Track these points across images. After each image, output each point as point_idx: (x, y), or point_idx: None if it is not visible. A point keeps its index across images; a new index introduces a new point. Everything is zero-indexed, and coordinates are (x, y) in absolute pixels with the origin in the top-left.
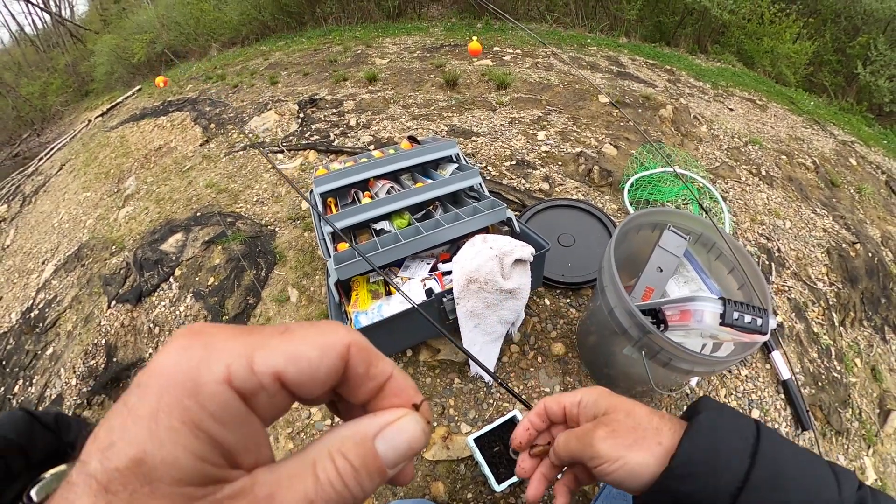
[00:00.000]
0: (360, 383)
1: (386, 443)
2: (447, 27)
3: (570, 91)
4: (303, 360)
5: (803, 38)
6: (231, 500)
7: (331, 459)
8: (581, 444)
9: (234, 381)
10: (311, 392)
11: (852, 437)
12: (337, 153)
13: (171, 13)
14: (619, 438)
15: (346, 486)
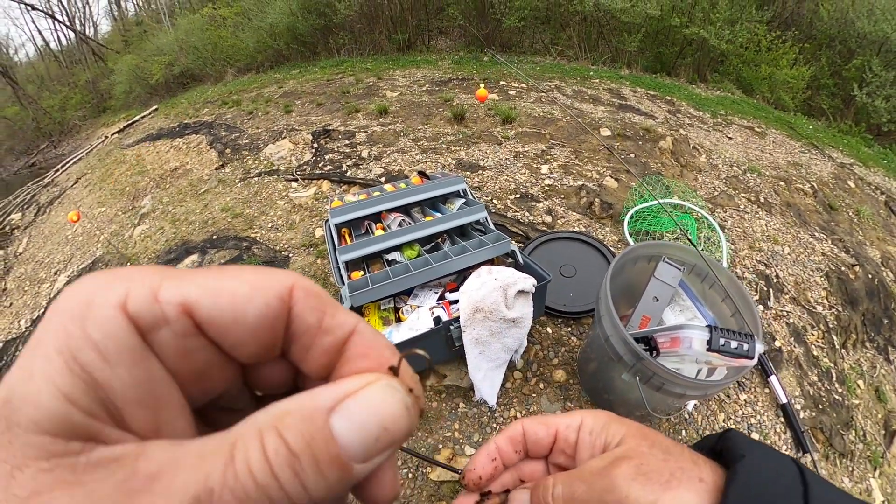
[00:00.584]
0: (311, 340)
1: (347, 419)
2: (455, 60)
3: (573, 125)
4: (224, 293)
5: (800, 64)
6: (95, 468)
7: (258, 438)
8: (595, 489)
9: (129, 307)
10: (238, 341)
11: (857, 459)
12: (350, 184)
13: (190, 38)
14: (651, 476)
15: (273, 476)
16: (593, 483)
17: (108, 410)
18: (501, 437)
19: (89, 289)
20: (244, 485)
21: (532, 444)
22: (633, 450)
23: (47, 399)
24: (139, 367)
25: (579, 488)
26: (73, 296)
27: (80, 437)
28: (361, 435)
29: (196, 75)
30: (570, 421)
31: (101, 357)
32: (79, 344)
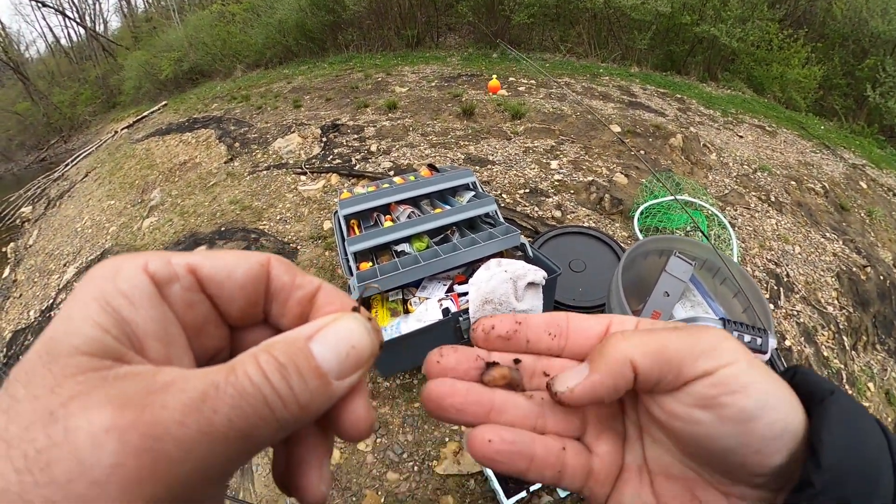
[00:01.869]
0: (287, 295)
1: (322, 344)
2: (464, 57)
3: (583, 121)
4: (219, 259)
5: (812, 63)
6: (122, 378)
7: (253, 357)
8: (684, 339)
9: (148, 267)
10: (231, 295)
11: None
12: (358, 177)
13: (199, 34)
14: (741, 346)
15: (266, 380)
16: (674, 328)
17: (132, 341)
18: (537, 316)
19: (117, 260)
20: (242, 383)
21: (577, 330)
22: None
23: (85, 328)
24: (156, 310)
25: (660, 328)
26: (104, 266)
27: (110, 357)
28: (335, 352)
29: (205, 71)
30: (626, 319)
31: (127, 301)
32: (111, 292)
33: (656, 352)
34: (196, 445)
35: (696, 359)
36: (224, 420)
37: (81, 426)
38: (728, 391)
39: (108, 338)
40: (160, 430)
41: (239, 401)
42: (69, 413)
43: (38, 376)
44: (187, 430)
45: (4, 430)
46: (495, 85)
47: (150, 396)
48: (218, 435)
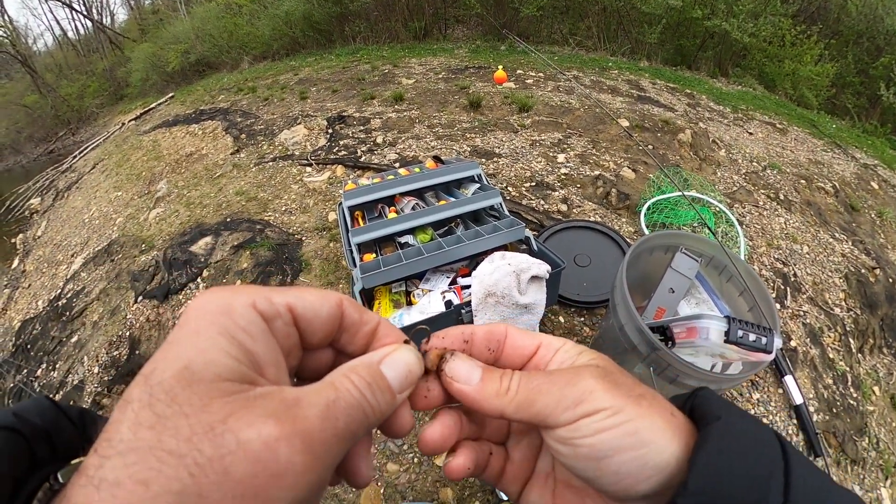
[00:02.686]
0: (357, 329)
1: (389, 367)
2: (472, 49)
3: (591, 115)
4: (307, 299)
5: (825, 60)
6: (262, 398)
7: (346, 377)
8: (557, 382)
9: (257, 306)
10: (315, 329)
11: (869, 466)
12: (364, 169)
13: (206, 26)
14: (620, 387)
15: (362, 394)
16: (556, 377)
17: (256, 367)
18: (481, 328)
19: (225, 295)
20: (349, 398)
21: (511, 349)
22: (605, 365)
23: (224, 360)
24: (269, 342)
25: (539, 379)
26: (214, 300)
27: (246, 382)
28: (397, 373)
29: (212, 63)
30: (553, 341)
31: (248, 335)
32: (233, 328)
33: (525, 406)
34: (331, 444)
35: (561, 411)
36: (343, 425)
37: (252, 437)
38: (581, 436)
39: (242, 367)
40: (311, 435)
41: (350, 410)
42: (233, 428)
43: (181, 398)
44: (325, 434)
45: (160, 442)
46: (501, 76)
47: (291, 411)
48: (340, 435)
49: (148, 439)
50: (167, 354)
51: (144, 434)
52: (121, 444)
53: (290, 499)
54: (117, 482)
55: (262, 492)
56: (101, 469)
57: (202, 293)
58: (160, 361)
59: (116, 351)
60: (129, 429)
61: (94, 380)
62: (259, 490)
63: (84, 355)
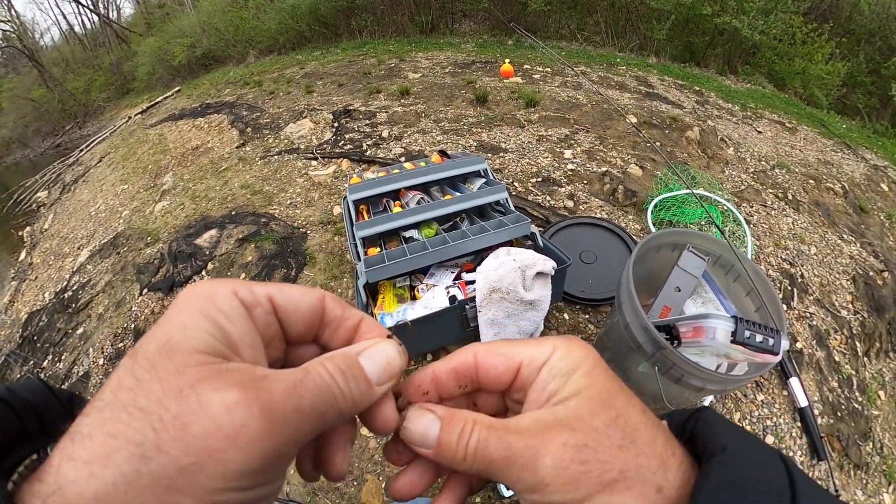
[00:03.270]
0: (338, 324)
1: (368, 359)
2: (478, 44)
3: (598, 111)
4: (288, 292)
5: (836, 59)
6: (232, 370)
7: (320, 363)
8: (515, 459)
9: (238, 293)
10: (295, 321)
11: (872, 472)
12: (369, 163)
13: (212, 20)
14: (590, 468)
15: (333, 379)
16: (515, 449)
17: (231, 347)
18: (443, 365)
19: (211, 284)
20: (318, 379)
21: (486, 378)
22: (581, 420)
23: (201, 335)
24: (247, 326)
25: (497, 450)
26: (200, 288)
27: (219, 356)
28: (377, 365)
29: (218, 57)
30: (537, 354)
31: (226, 318)
32: (213, 310)
33: (486, 473)
34: (292, 418)
35: (520, 491)
36: (308, 403)
37: (214, 400)
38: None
39: (217, 343)
40: (270, 405)
41: (317, 391)
42: (199, 391)
43: (159, 365)
44: (287, 407)
45: (134, 401)
46: (508, 70)
47: (257, 383)
48: (303, 412)
49: (124, 399)
50: (154, 333)
51: (123, 395)
52: (100, 402)
53: (243, 462)
54: (90, 434)
55: (216, 452)
56: (79, 424)
57: (193, 284)
58: (148, 338)
59: (121, 343)
60: (111, 391)
61: (99, 371)
62: (213, 450)
63: (89, 347)
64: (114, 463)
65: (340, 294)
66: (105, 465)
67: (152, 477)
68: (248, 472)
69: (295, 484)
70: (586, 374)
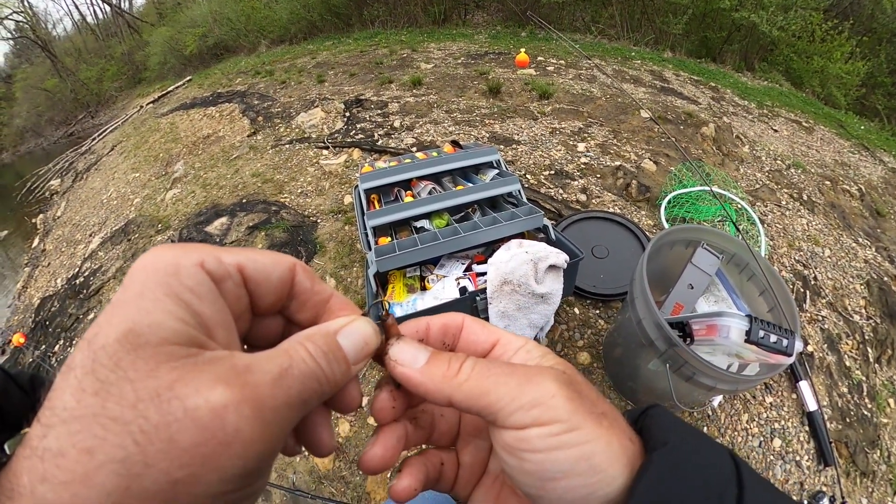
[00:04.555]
0: (307, 297)
1: (345, 337)
2: (492, 35)
3: (613, 104)
4: (259, 261)
5: (856, 58)
6: (211, 363)
7: (301, 344)
8: (516, 376)
9: (205, 265)
10: (266, 292)
11: (878, 480)
12: (381, 153)
13: (224, 9)
14: (584, 401)
15: (317, 363)
16: (517, 370)
17: (205, 329)
18: (437, 319)
19: (171, 254)
20: (303, 367)
21: (466, 343)
22: (570, 373)
23: (170, 323)
24: (218, 303)
25: (497, 369)
26: (160, 259)
27: (194, 345)
28: (355, 346)
29: (230, 46)
30: (514, 340)
31: (196, 296)
32: (179, 289)
33: (477, 396)
34: (282, 412)
35: (512, 412)
36: (296, 393)
37: (199, 404)
38: (530, 449)
39: (190, 329)
40: (261, 403)
41: (303, 379)
42: (180, 394)
43: (126, 363)
44: (276, 401)
45: (104, 409)
46: (524, 59)
47: (242, 376)
48: (293, 403)
49: (91, 406)
50: (111, 318)
51: (88, 401)
52: (64, 412)
53: (240, 468)
54: (61, 452)
55: (210, 460)
56: (44, 439)
57: (148, 251)
58: (103, 325)
59: None
60: (73, 396)
61: None
62: (206, 459)
63: None
64: (97, 483)
65: (350, 283)
66: (87, 486)
67: (145, 493)
68: (245, 475)
69: (301, 472)
70: (555, 360)
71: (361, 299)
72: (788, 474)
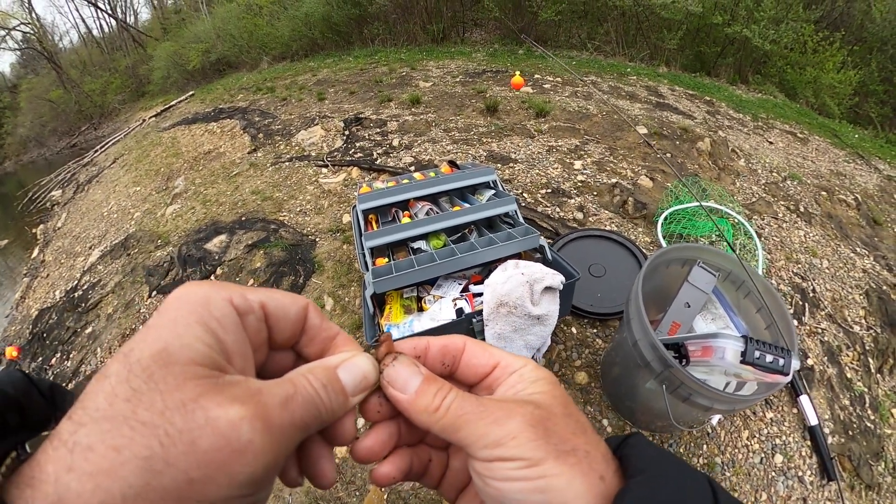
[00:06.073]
0: (316, 333)
1: (346, 372)
2: (489, 53)
3: (609, 121)
4: (279, 299)
5: (848, 68)
6: (230, 384)
7: (304, 376)
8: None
9: (233, 301)
10: (283, 328)
11: (884, 492)
12: (379, 171)
13: (227, 26)
14: (550, 437)
15: (317, 393)
16: (489, 409)
17: (226, 356)
18: (437, 341)
19: (204, 289)
20: (305, 394)
21: (466, 367)
22: (544, 404)
23: (198, 346)
24: (240, 335)
25: (471, 406)
26: (193, 292)
27: (216, 368)
28: (354, 380)
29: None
30: (513, 362)
31: (221, 326)
32: (208, 318)
33: (451, 431)
34: (287, 431)
35: (480, 447)
36: (298, 417)
37: (220, 416)
38: (492, 477)
39: (214, 354)
40: (270, 420)
41: (305, 405)
42: (204, 406)
43: (157, 376)
44: (283, 421)
45: (135, 413)
46: (519, 82)
47: (255, 397)
48: (297, 425)
49: (123, 410)
50: (146, 336)
51: (120, 405)
52: (97, 412)
53: (249, 474)
54: (90, 447)
55: (224, 465)
56: (75, 434)
57: (184, 285)
58: (139, 342)
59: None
60: (106, 399)
61: None
62: (221, 463)
63: (97, 346)
64: (121, 476)
65: (348, 302)
66: (112, 479)
67: (163, 490)
68: (253, 482)
69: (298, 492)
70: (549, 383)
71: (359, 319)
72: (791, 490)
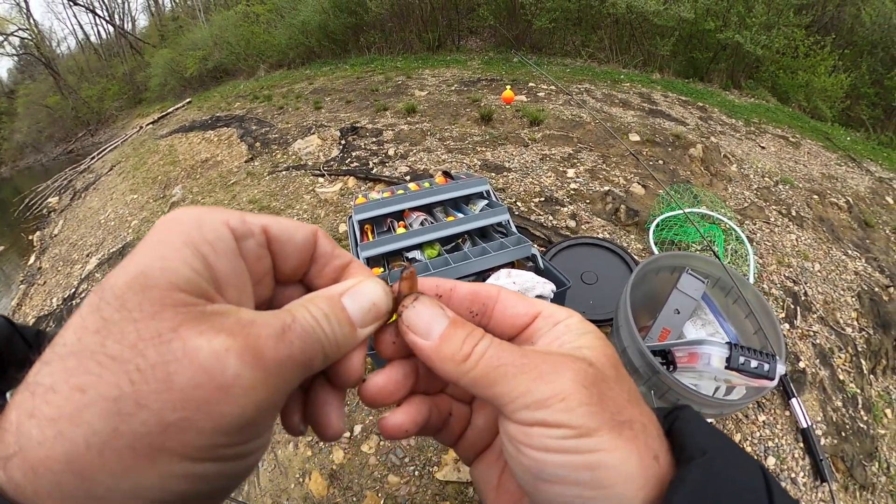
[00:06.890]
0: (327, 261)
1: (352, 299)
2: (484, 60)
3: (602, 129)
4: (283, 224)
5: (839, 71)
6: (217, 314)
7: (304, 305)
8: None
9: (230, 223)
10: (289, 255)
11: (878, 492)
12: (375, 181)
13: (224, 33)
14: (605, 402)
15: (318, 323)
16: (532, 362)
17: (216, 284)
18: (466, 285)
19: (197, 212)
20: (304, 325)
21: (501, 315)
22: (596, 363)
23: (183, 270)
24: (236, 262)
25: (511, 357)
26: (186, 215)
27: (202, 296)
28: (360, 306)
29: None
30: (557, 311)
31: (213, 250)
32: (199, 241)
33: (484, 385)
34: (284, 365)
35: (520, 407)
36: (297, 349)
37: (202, 346)
38: (530, 445)
39: (200, 280)
40: (263, 353)
41: (304, 336)
42: (182, 336)
43: (131, 303)
44: (278, 353)
45: (103, 346)
46: (509, 96)
47: (245, 329)
48: (295, 359)
49: (90, 344)
50: (127, 263)
51: (88, 339)
52: (63, 348)
53: (236, 416)
54: (53, 387)
55: (205, 405)
56: (38, 374)
57: (177, 209)
58: (118, 269)
59: None
60: (74, 333)
61: None
62: (202, 403)
63: None
64: (84, 421)
65: None
66: (75, 424)
67: (133, 436)
68: (241, 426)
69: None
70: (599, 338)
71: None
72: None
